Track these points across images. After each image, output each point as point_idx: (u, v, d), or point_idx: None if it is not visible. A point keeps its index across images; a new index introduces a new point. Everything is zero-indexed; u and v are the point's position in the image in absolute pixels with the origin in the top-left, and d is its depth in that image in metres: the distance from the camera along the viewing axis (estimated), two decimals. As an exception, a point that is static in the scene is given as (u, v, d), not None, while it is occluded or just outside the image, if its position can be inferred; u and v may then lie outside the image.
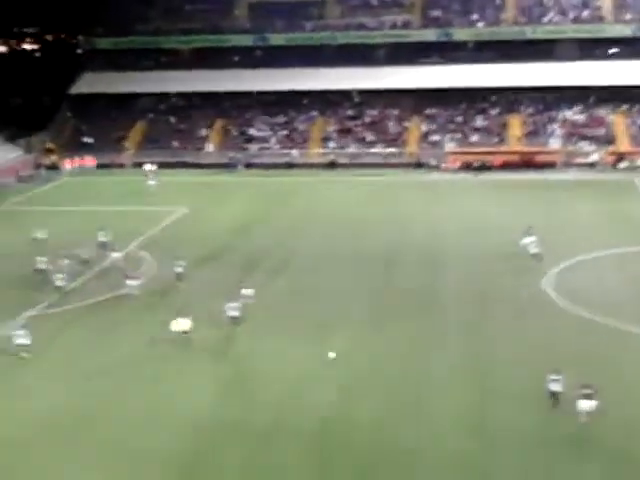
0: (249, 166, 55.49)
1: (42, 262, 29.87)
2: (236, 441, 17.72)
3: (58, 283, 28.03)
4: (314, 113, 61.67)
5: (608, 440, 17.25)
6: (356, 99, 62.61)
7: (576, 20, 60.89)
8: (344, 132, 59.42)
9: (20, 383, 21.57)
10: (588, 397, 17.98)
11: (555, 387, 18.56)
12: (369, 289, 29.50)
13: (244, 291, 25.53)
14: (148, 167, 53.58)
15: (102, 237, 33.39)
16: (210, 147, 58.70)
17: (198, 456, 17.27)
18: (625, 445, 17.02)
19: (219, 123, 61.39)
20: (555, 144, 55.06)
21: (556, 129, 56.85)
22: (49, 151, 59.06)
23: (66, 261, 30.27)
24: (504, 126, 57.64)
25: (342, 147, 57.66)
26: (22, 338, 22.27)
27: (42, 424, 18.74)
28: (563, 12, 61.86)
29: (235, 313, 24.09)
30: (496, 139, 56.62)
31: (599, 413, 17.54)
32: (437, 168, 53.39)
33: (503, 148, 54.89)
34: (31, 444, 17.83)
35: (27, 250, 33.61)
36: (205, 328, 23.91)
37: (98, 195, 49.12)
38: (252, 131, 60.57)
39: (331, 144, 58.20)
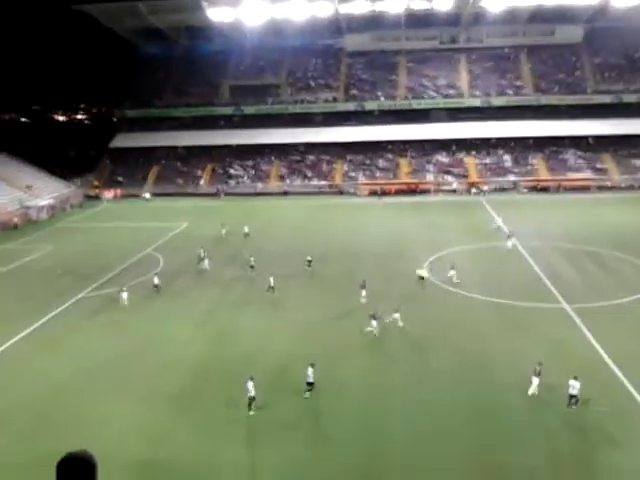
0: (228, 194, 68.39)
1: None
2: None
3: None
4: (273, 158, 74.83)
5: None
6: (301, 149, 74.92)
7: (445, 96, 75.50)
8: (293, 171, 72.48)
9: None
10: None
11: None
12: (306, 273, 36.17)
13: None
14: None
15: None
16: (202, 182, 72.39)
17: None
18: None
19: (209, 166, 74.54)
20: (430, 177, 68.28)
21: (430, 167, 70.62)
22: (95, 186, 72.74)
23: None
24: (397, 166, 70.85)
25: (291, 181, 70.88)
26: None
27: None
28: (437, 90, 75.58)
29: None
30: (391, 175, 69.87)
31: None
32: (354, 194, 66.22)
33: (396, 181, 67.93)
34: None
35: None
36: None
37: (126, 216, 59.06)
38: (231, 171, 73.75)
39: (285, 179, 71.43)
